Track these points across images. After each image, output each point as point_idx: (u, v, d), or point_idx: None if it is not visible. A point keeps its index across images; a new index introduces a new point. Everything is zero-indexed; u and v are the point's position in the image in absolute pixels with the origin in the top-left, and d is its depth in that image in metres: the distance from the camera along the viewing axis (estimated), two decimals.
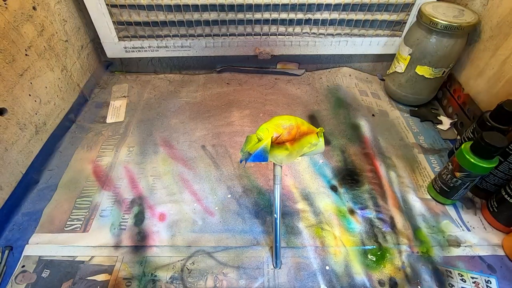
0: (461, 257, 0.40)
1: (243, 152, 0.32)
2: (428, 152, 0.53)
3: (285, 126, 0.32)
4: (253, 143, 0.32)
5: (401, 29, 0.63)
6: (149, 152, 0.52)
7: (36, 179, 0.48)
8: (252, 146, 0.31)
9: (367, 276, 0.37)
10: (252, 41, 0.64)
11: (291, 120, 0.32)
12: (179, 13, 0.59)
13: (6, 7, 0.43)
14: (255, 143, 0.31)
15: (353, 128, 0.57)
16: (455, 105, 0.58)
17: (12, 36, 0.44)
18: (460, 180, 0.40)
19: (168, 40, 0.63)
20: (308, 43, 0.65)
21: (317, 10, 0.61)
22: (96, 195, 0.46)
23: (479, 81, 0.53)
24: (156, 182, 0.48)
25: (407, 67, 0.58)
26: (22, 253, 0.39)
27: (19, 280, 0.36)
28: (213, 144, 0.54)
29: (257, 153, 0.30)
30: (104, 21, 0.59)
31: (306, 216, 0.43)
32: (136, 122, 0.58)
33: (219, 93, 0.65)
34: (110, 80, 0.69)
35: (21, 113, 0.45)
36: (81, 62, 0.61)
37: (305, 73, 0.72)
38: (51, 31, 0.52)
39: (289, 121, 0.32)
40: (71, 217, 0.43)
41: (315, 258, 0.39)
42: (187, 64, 0.71)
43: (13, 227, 0.42)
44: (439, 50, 0.52)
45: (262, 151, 0.30)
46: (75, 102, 0.59)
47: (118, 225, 0.42)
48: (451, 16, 0.50)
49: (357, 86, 0.68)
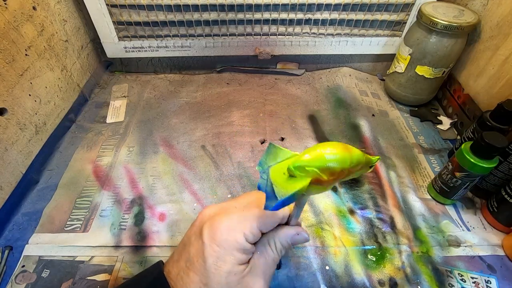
0: (461, 257, 0.40)
1: (263, 166, 0.25)
2: (428, 152, 0.53)
3: (333, 170, 0.21)
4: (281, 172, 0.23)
5: (401, 29, 0.63)
6: (149, 152, 0.52)
7: (36, 179, 0.48)
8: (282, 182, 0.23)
9: (367, 276, 0.37)
10: (252, 41, 0.64)
11: (344, 162, 0.21)
12: (179, 13, 0.59)
13: (6, 7, 0.43)
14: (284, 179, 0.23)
15: (353, 128, 0.57)
16: (455, 105, 0.58)
17: (12, 36, 0.44)
18: (460, 180, 0.40)
19: (168, 40, 0.63)
20: (308, 43, 0.65)
21: (317, 10, 0.61)
22: (96, 195, 0.46)
23: (479, 81, 0.53)
24: (156, 182, 0.48)
25: (407, 67, 0.58)
26: (22, 253, 0.39)
27: (19, 280, 0.36)
28: (213, 144, 0.54)
29: (288, 197, 0.22)
30: (104, 21, 0.59)
31: (306, 216, 0.43)
32: (136, 122, 0.58)
33: (219, 93, 0.65)
34: (110, 80, 0.69)
35: (21, 113, 0.45)
36: (81, 62, 0.61)
37: (305, 73, 0.72)
38: (51, 31, 0.53)
39: (342, 163, 0.21)
40: (71, 217, 0.43)
41: (315, 258, 0.39)
42: (187, 64, 0.71)
43: (13, 227, 0.42)
44: (439, 50, 0.52)
45: (294, 195, 0.22)
46: (75, 102, 0.59)
47: (118, 225, 0.42)
48: (451, 16, 0.50)
49: (357, 86, 0.68)
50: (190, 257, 0.26)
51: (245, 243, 0.26)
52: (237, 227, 0.26)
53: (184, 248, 0.27)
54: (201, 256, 0.25)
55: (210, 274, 0.25)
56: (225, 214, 0.27)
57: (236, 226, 0.26)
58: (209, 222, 0.27)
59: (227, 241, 0.25)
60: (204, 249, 0.25)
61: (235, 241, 0.26)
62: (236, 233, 0.26)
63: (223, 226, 0.26)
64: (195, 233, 0.27)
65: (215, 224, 0.26)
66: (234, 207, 0.29)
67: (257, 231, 0.27)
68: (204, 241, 0.26)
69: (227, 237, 0.26)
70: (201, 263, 0.25)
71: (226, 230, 0.26)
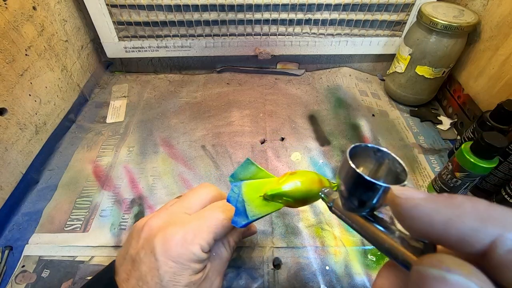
0: None
1: (236, 179, 0.25)
2: (428, 152, 0.53)
3: (306, 200, 0.24)
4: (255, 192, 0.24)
5: (401, 29, 0.63)
6: (149, 152, 0.52)
7: (36, 179, 0.48)
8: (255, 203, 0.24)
9: (367, 276, 0.37)
10: (252, 41, 0.64)
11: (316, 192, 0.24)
12: (179, 13, 0.59)
13: (6, 7, 0.43)
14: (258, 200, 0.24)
15: (353, 128, 0.57)
16: (455, 105, 0.58)
17: (12, 36, 0.44)
18: (460, 180, 0.40)
19: (168, 40, 0.63)
20: (308, 43, 0.65)
21: (317, 10, 0.61)
22: (96, 195, 0.46)
23: (479, 81, 0.53)
24: (156, 182, 0.48)
25: (407, 67, 0.58)
26: (22, 253, 0.39)
27: (19, 280, 0.36)
28: (213, 144, 0.54)
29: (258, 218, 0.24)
30: (104, 21, 0.59)
31: (306, 216, 0.43)
32: (136, 122, 0.58)
33: (219, 93, 0.65)
34: (110, 80, 0.69)
35: (21, 113, 0.45)
36: (81, 62, 0.61)
37: (305, 73, 0.72)
38: (51, 31, 0.53)
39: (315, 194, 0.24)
40: (71, 217, 0.43)
41: (315, 258, 0.39)
42: (187, 64, 0.71)
43: (13, 227, 0.42)
44: (439, 50, 0.52)
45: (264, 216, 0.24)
46: (75, 102, 0.59)
47: (118, 225, 0.42)
48: (451, 16, 0.50)
49: (357, 86, 0.68)
50: (142, 275, 0.24)
51: (202, 254, 0.25)
52: (193, 240, 0.24)
53: (133, 265, 0.25)
54: (156, 274, 0.23)
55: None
56: (179, 225, 0.25)
57: (193, 239, 0.24)
58: (161, 235, 0.25)
59: (184, 256, 0.24)
60: (159, 267, 0.23)
61: (192, 254, 0.24)
62: (192, 246, 0.24)
63: (177, 240, 0.24)
64: (143, 248, 0.25)
65: (167, 238, 0.24)
66: (184, 214, 0.27)
67: (213, 241, 0.26)
68: (158, 258, 0.24)
69: (183, 251, 0.24)
70: (157, 281, 0.23)
71: (181, 243, 0.24)
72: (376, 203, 0.16)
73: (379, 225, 0.16)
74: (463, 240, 0.11)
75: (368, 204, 0.16)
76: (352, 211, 0.18)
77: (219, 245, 0.28)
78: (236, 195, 0.24)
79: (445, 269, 0.09)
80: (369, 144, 0.17)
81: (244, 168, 0.26)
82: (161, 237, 0.24)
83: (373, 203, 0.16)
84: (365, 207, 0.17)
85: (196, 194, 0.30)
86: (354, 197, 0.17)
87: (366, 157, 0.18)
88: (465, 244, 0.11)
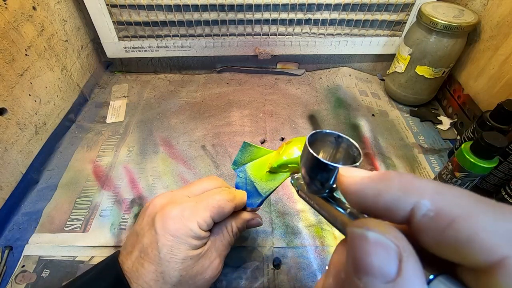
0: None
1: (238, 165, 0.27)
2: (428, 152, 0.53)
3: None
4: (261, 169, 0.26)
5: (401, 29, 0.63)
6: (149, 152, 0.52)
7: (36, 179, 0.48)
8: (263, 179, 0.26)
9: None
10: (252, 41, 0.64)
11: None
12: (179, 13, 0.59)
13: (6, 7, 0.43)
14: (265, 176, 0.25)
15: (353, 128, 0.57)
16: (455, 105, 0.58)
17: (12, 36, 0.44)
18: (460, 180, 0.40)
19: (168, 40, 0.63)
20: (308, 43, 0.65)
21: (317, 10, 0.61)
22: (96, 195, 0.46)
23: (479, 81, 0.53)
24: (156, 182, 0.48)
25: (407, 67, 0.58)
26: (22, 253, 0.39)
27: (19, 280, 0.36)
28: (213, 144, 0.54)
29: (271, 192, 0.25)
30: (104, 21, 0.59)
31: (306, 216, 0.43)
32: (136, 122, 0.58)
33: (219, 93, 0.65)
34: (110, 80, 0.69)
35: (21, 113, 0.45)
36: (81, 62, 0.61)
37: (305, 73, 0.72)
38: (51, 31, 0.53)
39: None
40: (71, 217, 0.43)
41: (315, 258, 0.39)
42: (187, 64, 0.71)
43: (13, 227, 0.42)
44: (439, 50, 0.52)
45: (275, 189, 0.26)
46: (75, 102, 0.59)
47: (118, 225, 0.42)
48: (451, 16, 0.50)
49: (357, 86, 0.68)
50: (143, 247, 0.26)
51: (199, 230, 0.26)
52: (190, 216, 0.26)
53: (137, 238, 0.27)
54: (155, 246, 0.26)
55: (165, 262, 0.25)
56: (177, 204, 0.27)
57: (189, 216, 0.26)
58: (161, 212, 0.27)
59: (181, 230, 0.26)
60: (158, 239, 0.26)
61: (189, 230, 0.26)
62: (189, 222, 0.26)
63: (175, 215, 0.26)
64: (147, 223, 0.27)
65: (166, 214, 0.27)
66: (185, 196, 0.29)
67: (211, 220, 0.27)
68: (157, 231, 0.26)
69: (180, 226, 0.26)
70: (156, 253, 0.25)
71: (179, 218, 0.26)
72: (333, 183, 0.17)
73: (335, 205, 0.18)
74: (389, 209, 0.12)
75: (326, 185, 0.18)
76: (314, 193, 0.19)
77: (222, 228, 0.30)
78: (243, 179, 0.26)
79: (366, 228, 0.11)
80: (327, 130, 0.19)
81: (243, 152, 0.27)
82: (161, 213, 0.27)
83: (330, 184, 0.17)
84: (324, 188, 0.18)
85: (201, 182, 0.31)
86: (313, 179, 0.18)
87: (327, 143, 0.20)
88: (391, 213, 0.12)
